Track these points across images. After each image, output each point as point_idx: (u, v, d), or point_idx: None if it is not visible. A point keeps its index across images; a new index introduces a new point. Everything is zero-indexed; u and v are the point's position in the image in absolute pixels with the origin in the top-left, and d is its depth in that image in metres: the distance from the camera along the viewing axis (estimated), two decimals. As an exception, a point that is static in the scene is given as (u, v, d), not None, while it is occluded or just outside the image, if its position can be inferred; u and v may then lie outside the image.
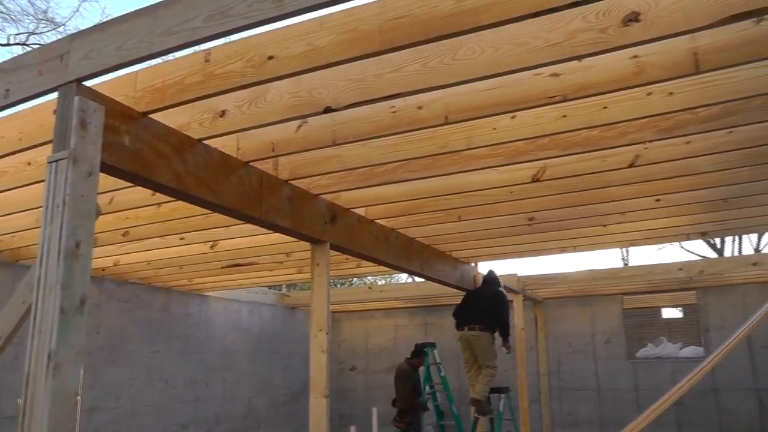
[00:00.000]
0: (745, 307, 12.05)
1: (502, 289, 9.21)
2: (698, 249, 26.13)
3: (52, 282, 2.85)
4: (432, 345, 12.39)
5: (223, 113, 3.91)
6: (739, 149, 4.95)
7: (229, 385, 11.77)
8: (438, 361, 12.31)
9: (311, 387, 5.46)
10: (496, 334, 8.95)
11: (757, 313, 8.96)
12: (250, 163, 4.71)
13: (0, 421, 7.79)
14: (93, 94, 3.30)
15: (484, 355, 8.68)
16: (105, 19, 4.46)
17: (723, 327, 12.11)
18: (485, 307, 8.82)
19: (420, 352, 10.99)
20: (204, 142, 4.20)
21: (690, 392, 10.80)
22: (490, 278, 9.34)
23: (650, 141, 4.70)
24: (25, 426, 2.75)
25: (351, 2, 2.95)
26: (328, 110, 3.62)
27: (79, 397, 2.81)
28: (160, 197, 5.15)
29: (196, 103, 3.74)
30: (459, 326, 8.99)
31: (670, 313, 16.93)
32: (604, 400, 12.90)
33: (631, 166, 5.18)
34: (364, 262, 7.91)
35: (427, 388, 12.08)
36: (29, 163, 4.67)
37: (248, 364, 12.35)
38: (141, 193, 5.14)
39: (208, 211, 4.99)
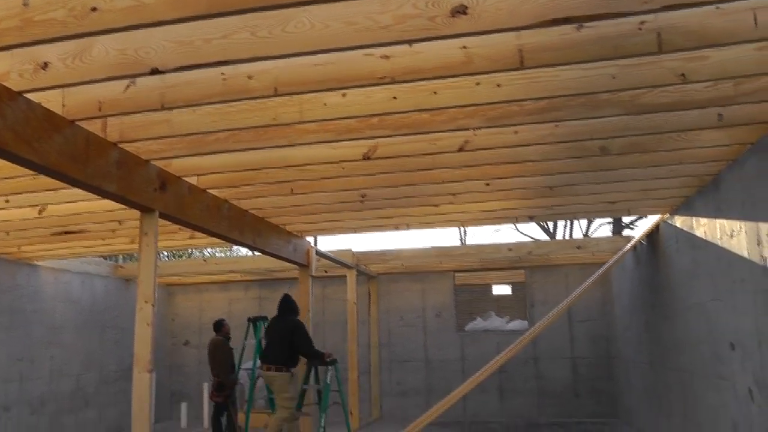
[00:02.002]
0: (567, 286, 13.17)
1: (297, 319, 8.93)
2: (532, 231, 27.70)
3: None
4: (264, 319, 12.38)
5: (45, 65, 3.73)
6: (564, 142, 5.39)
7: (56, 362, 11.22)
8: (268, 335, 12.34)
9: (135, 361, 5.34)
10: (297, 370, 8.82)
11: (575, 292, 9.71)
12: (77, 122, 4.54)
13: None
14: None
15: (279, 395, 8.56)
16: None
17: (546, 303, 13.12)
18: (281, 343, 8.59)
19: (219, 325, 10.90)
20: (25, 95, 4.00)
21: (513, 361, 11.61)
22: (288, 306, 9.07)
23: (479, 128, 4.98)
24: None
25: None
26: (155, 72, 3.58)
27: None
28: (-19, 153, 4.87)
29: (16, 51, 3.56)
30: (262, 362, 8.74)
31: (501, 289, 17.92)
32: (432, 370, 13.57)
33: (460, 150, 5.46)
34: (198, 234, 7.83)
35: (259, 362, 12.08)
36: None
37: (78, 339, 11.82)
38: (-42, 148, 4.81)
39: (37, 172, 4.76)
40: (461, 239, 29.10)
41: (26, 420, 10.42)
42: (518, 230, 27.80)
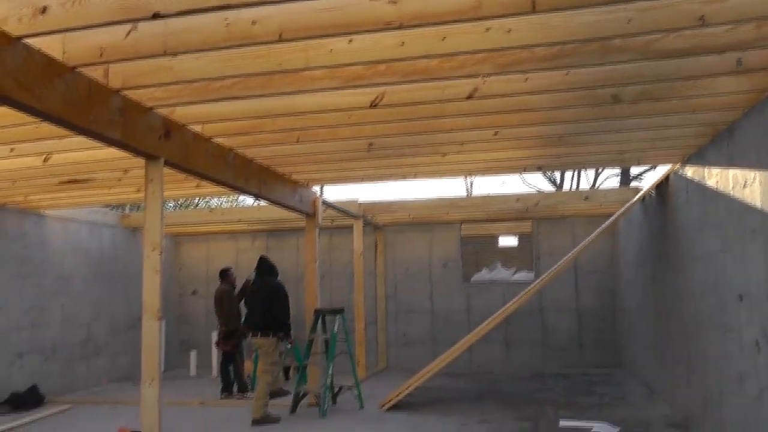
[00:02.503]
0: (574, 237, 13.15)
1: (278, 281, 8.98)
2: (539, 183, 27.62)
3: None
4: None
5: (44, 9, 3.66)
6: (575, 89, 5.24)
7: (67, 311, 11.31)
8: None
9: (144, 309, 5.37)
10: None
11: (581, 243, 9.68)
12: (78, 69, 4.47)
13: None
14: None
15: (264, 359, 8.67)
16: None
17: (553, 254, 13.11)
18: (263, 308, 8.66)
19: (225, 273, 10.97)
20: (25, 41, 3.94)
21: (518, 312, 11.64)
22: (265, 269, 9.07)
23: (488, 75, 4.85)
24: None
25: None
26: (157, 16, 3.50)
27: None
28: (-14, 101, 4.79)
29: (13, -6, 3.48)
30: (248, 329, 8.83)
31: (507, 240, 17.89)
32: (437, 321, 13.65)
33: (469, 98, 5.34)
34: (204, 183, 7.79)
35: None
36: None
37: (88, 288, 11.89)
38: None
39: (40, 120, 4.70)
40: (468, 191, 29.03)
41: (40, 366, 10.58)
42: (525, 182, 27.73)
